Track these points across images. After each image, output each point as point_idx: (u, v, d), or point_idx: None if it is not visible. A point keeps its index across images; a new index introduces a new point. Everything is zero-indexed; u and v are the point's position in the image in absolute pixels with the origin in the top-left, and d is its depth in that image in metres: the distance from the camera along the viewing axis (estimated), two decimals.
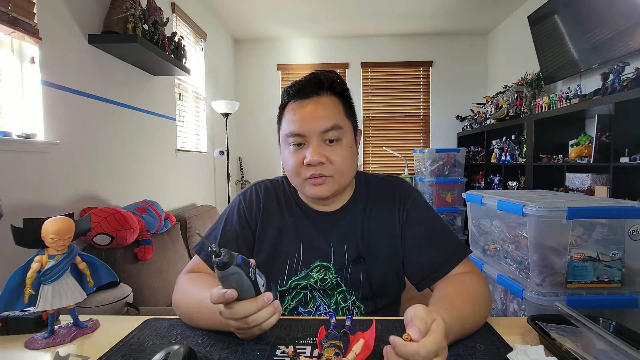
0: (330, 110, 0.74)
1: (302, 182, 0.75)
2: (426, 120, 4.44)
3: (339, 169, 0.73)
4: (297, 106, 0.74)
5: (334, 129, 0.72)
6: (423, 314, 0.48)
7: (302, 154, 0.73)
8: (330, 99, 0.75)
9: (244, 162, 4.43)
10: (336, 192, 0.76)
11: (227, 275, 0.50)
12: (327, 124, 0.72)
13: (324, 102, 0.74)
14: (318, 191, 0.74)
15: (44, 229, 0.59)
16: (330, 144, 0.73)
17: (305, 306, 0.78)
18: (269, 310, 0.54)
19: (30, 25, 1.40)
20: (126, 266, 1.61)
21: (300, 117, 0.73)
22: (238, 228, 0.80)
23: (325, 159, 0.72)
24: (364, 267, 0.77)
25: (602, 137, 2.12)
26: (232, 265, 0.49)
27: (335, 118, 0.73)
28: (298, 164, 0.74)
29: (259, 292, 0.53)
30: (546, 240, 1.33)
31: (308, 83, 0.75)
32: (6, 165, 1.31)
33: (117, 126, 1.98)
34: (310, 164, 0.72)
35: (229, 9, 3.54)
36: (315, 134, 0.72)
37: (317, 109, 0.73)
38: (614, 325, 0.59)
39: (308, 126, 0.72)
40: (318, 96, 0.74)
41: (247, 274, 0.51)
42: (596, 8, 2.36)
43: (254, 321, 0.53)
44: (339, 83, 0.77)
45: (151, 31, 1.94)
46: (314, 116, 0.72)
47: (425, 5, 3.52)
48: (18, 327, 0.64)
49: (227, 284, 0.51)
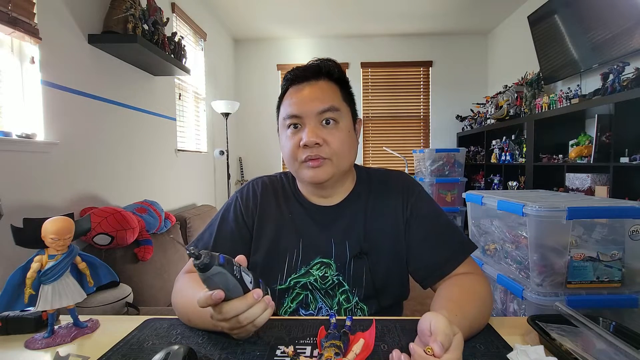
0: (327, 93, 0.74)
1: (299, 165, 0.74)
2: (426, 120, 4.44)
3: (337, 151, 0.72)
4: (295, 90, 0.75)
5: (330, 110, 0.72)
6: (447, 328, 0.46)
7: (298, 136, 0.73)
8: (328, 84, 0.76)
9: (244, 162, 4.43)
10: (334, 175, 0.74)
11: (210, 276, 0.48)
12: (323, 105, 0.72)
13: (321, 86, 0.75)
14: (315, 174, 0.72)
15: (44, 229, 0.59)
16: (327, 126, 0.73)
17: (306, 308, 0.76)
18: (260, 306, 0.53)
19: (30, 25, 1.40)
20: (126, 266, 1.61)
21: (297, 100, 0.73)
22: (234, 225, 0.79)
23: (322, 140, 0.71)
24: (367, 263, 0.76)
25: (602, 137, 2.12)
26: (214, 265, 0.48)
27: (332, 100, 0.73)
28: (295, 146, 0.73)
29: (247, 290, 0.52)
30: (546, 240, 1.33)
31: (306, 69, 0.76)
32: (6, 165, 1.31)
33: (117, 126, 1.98)
34: (307, 145, 0.71)
35: (229, 9, 3.54)
36: (312, 115, 0.72)
37: (314, 90, 0.74)
38: (614, 325, 0.59)
39: (305, 107, 0.72)
40: (316, 80, 0.75)
41: (232, 272, 0.50)
42: (596, 8, 2.36)
43: (246, 319, 0.52)
44: (336, 70, 0.77)
45: (151, 31, 1.94)
46: (311, 97, 0.73)
47: (425, 5, 3.52)
48: (18, 327, 0.64)
49: (212, 285, 0.50)
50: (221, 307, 0.51)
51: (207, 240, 0.79)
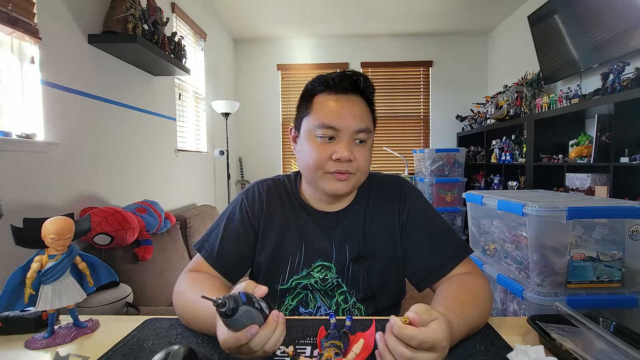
0: (364, 112, 0.74)
1: (323, 175, 0.74)
2: (426, 120, 4.44)
3: (362, 168, 0.74)
4: (334, 99, 0.73)
5: (365, 132, 0.73)
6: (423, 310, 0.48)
7: (331, 148, 0.72)
8: (363, 102, 0.76)
9: (244, 162, 4.43)
10: (353, 189, 0.77)
11: (237, 318, 0.46)
12: (361, 124, 0.72)
13: (359, 102, 0.75)
14: (340, 187, 0.73)
15: (44, 229, 0.59)
16: (359, 144, 0.74)
17: (306, 306, 0.78)
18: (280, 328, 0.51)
19: (30, 25, 1.40)
20: (126, 266, 1.61)
21: (336, 111, 0.72)
22: (240, 227, 0.80)
23: (353, 157, 0.72)
24: (365, 266, 0.78)
25: (602, 137, 2.11)
26: (240, 306, 0.46)
27: (367, 121, 0.74)
28: (325, 157, 0.72)
29: (266, 316, 0.51)
30: (546, 240, 1.33)
31: (346, 78, 0.74)
32: (6, 165, 1.31)
33: (117, 126, 1.98)
34: (340, 160, 0.71)
35: (229, 9, 3.54)
36: (349, 131, 0.72)
37: (353, 107, 0.73)
38: (614, 325, 0.59)
39: (344, 122, 0.72)
40: (355, 94, 0.75)
41: (254, 306, 0.48)
42: (596, 8, 2.36)
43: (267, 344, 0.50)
44: (371, 90, 0.77)
45: (151, 31, 1.94)
46: (351, 113, 0.72)
47: (425, 5, 3.52)
48: (18, 327, 0.64)
49: (238, 325, 0.47)
50: (250, 342, 0.48)
51: (213, 241, 0.79)
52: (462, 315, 0.57)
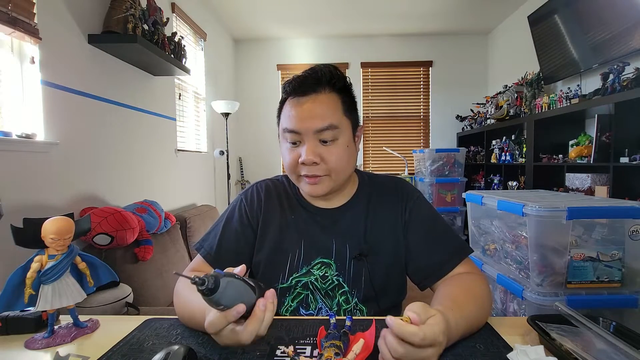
0: (327, 108, 0.72)
1: (297, 178, 0.77)
2: (426, 120, 4.44)
3: (334, 167, 0.73)
4: (295, 103, 0.73)
5: (329, 129, 0.71)
6: (420, 308, 0.49)
7: (297, 152, 0.73)
8: (329, 95, 0.73)
9: (244, 162, 4.43)
10: (332, 189, 0.76)
11: (221, 291, 0.44)
12: (321, 123, 0.71)
13: (321, 100, 0.72)
14: (313, 189, 0.75)
15: (44, 229, 0.59)
16: (326, 144, 0.72)
17: (306, 308, 0.78)
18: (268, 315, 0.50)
19: (30, 25, 1.40)
20: (126, 266, 1.61)
21: (295, 114, 0.72)
22: (239, 227, 0.81)
23: (319, 158, 0.72)
24: (366, 264, 0.77)
25: (602, 137, 2.11)
26: (221, 278, 0.44)
27: (331, 117, 0.72)
28: (294, 161, 0.74)
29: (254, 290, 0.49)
30: (546, 240, 1.33)
31: (306, 79, 0.73)
32: (6, 165, 1.31)
33: (117, 126, 1.98)
34: (305, 163, 0.72)
35: (229, 9, 3.54)
36: (310, 133, 0.71)
37: (314, 107, 0.72)
38: (614, 325, 0.59)
39: (303, 124, 0.71)
40: (316, 93, 0.72)
41: (236, 277, 0.47)
42: (596, 8, 2.36)
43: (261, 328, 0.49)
44: (338, 78, 0.75)
45: (151, 31, 1.94)
46: (310, 115, 0.71)
47: (425, 5, 3.52)
48: (18, 327, 0.64)
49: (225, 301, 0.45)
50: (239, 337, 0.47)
51: (212, 240, 0.80)
52: (460, 314, 0.57)
